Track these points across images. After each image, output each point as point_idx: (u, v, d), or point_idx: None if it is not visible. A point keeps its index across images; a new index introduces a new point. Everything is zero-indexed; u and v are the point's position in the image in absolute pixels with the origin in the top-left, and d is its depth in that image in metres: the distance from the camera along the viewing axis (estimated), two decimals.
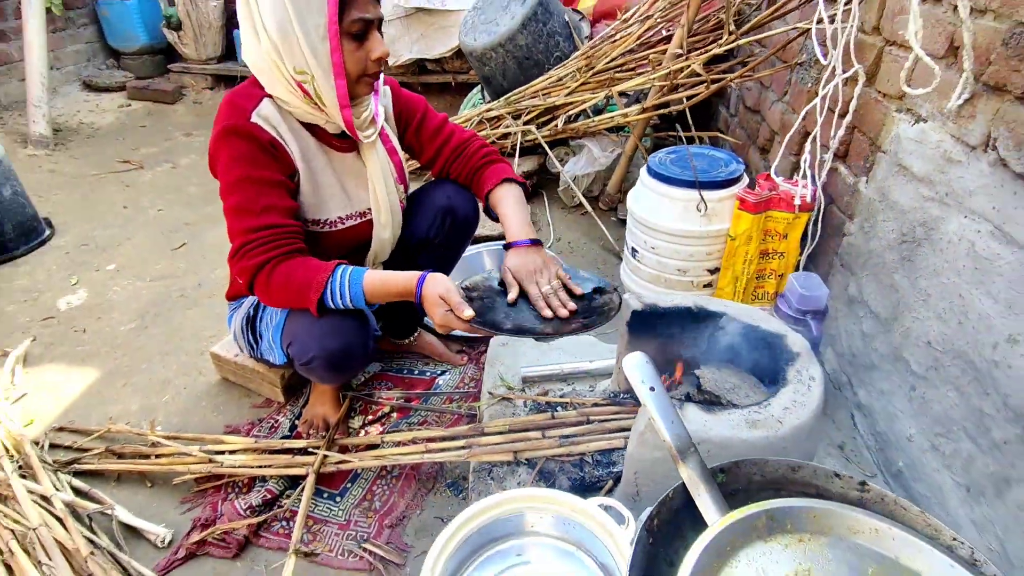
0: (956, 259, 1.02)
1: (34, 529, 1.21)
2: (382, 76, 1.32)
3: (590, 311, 1.15)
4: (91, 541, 1.22)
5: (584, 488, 1.20)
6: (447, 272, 1.61)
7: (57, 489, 1.33)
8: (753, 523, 0.70)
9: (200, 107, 4.01)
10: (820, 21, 1.37)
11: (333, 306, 1.13)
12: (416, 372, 1.72)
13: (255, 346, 1.42)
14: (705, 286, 1.68)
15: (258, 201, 1.11)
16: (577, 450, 1.24)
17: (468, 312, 1.05)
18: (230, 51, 4.13)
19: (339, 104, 1.11)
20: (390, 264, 1.48)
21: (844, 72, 1.32)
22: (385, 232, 1.36)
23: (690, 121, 2.32)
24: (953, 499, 1.01)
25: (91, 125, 3.68)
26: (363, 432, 1.52)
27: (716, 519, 0.69)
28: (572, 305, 1.16)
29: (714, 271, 1.65)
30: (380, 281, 1.13)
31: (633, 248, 1.74)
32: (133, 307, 2.07)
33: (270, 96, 1.14)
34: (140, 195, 2.93)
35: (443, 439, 1.36)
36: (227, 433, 1.54)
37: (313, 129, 1.21)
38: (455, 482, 1.39)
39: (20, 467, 1.38)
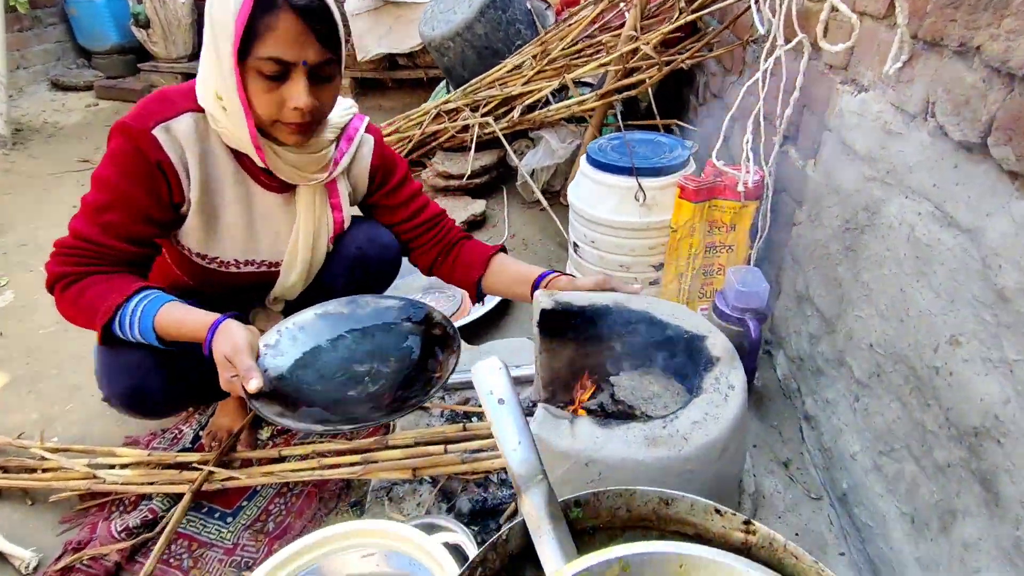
0: (897, 247, 0.87)
1: None
2: (365, 122, 1.16)
3: (418, 383, 0.93)
4: None
5: (486, 512, 1.06)
6: None
7: None
8: (602, 574, 0.55)
9: None
10: None
11: (123, 337, 0.95)
12: None
13: None
14: (652, 283, 1.54)
15: (104, 213, 0.96)
16: (481, 467, 1.10)
17: (253, 384, 0.83)
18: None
19: (252, 144, 0.95)
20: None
21: (787, 43, 1.18)
22: (294, 288, 1.20)
23: (654, 109, 2.17)
24: (897, 531, 0.86)
25: (54, 124, 3.60)
26: (270, 444, 1.39)
27: (556, 567, 0.55)
28: None
29: (659, 267, 1.50)
30: (176, 320, 0.92)
31: (575, 242, 1.60)
32: None
33: (198, 111, 0.98)
34: None
35: (342, 453, 1.23)
36: (125, 444, 1.42)
37: (241, 158, 1.04)
38: (360, 501, 1.25)
39: None
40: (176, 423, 1.48)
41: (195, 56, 4.07)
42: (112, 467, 1.31)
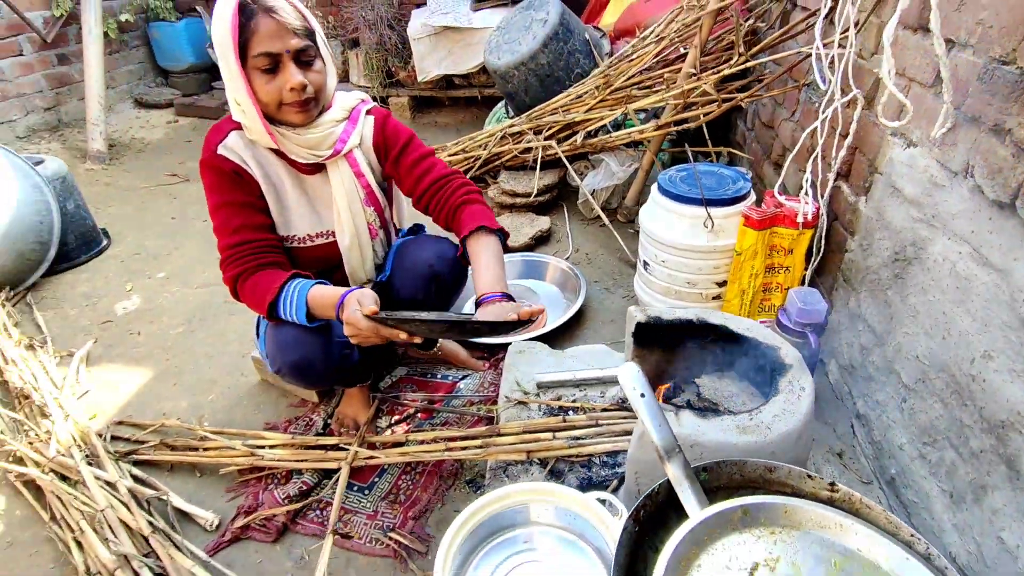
0: (941, 278, 1.08)
1: (102, 511, 1.37)
2: (367, 105, 1.40)
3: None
4: (150, 523, 1.37)
5: (591, 486, 1.30)
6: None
7: (119, 477, 1.49)
8: (729, 516, 0.79)
9: None
10: (819, 47, 1.44)
11: (286, 317, 1.24)
12: (439, 376, 1.84)
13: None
14: (714, 298, 1.76)
15: (231, 221, 1.27)
16: (586, 451, 1.33)
17: (370, 307, 1.08)
18: None
19: (264, 131, 1.22)
20: None
21: (843, 96, 1.39)
22: (352, 252, 1.43)
23: (706, 136, 2.39)
24: (938, 505, 1.07)
25: (142, 140, 3.94)
26: (390, 431, 1.64)
27: (696, 511, 0.79)
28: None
29: (722, 284, 1.72)
30: (319, 294, 1.21)
31: (645, 261, 1.83)
32: (181, 312, 2.25)
33: (239, 128, 1.28)
34: (186, 206, 3.13)
35: (463, 439, 1.47)
36: (267, 429, 1.68)
37: (280, 153, 1.31)
38: (473, 479, 1.50)
39: (87, 456, 1.54)
40: (306, 412, 1.74)
41: None
42: (262, 447, 1.58)
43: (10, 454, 1.61)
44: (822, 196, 1.54)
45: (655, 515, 0.82)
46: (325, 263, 1.45)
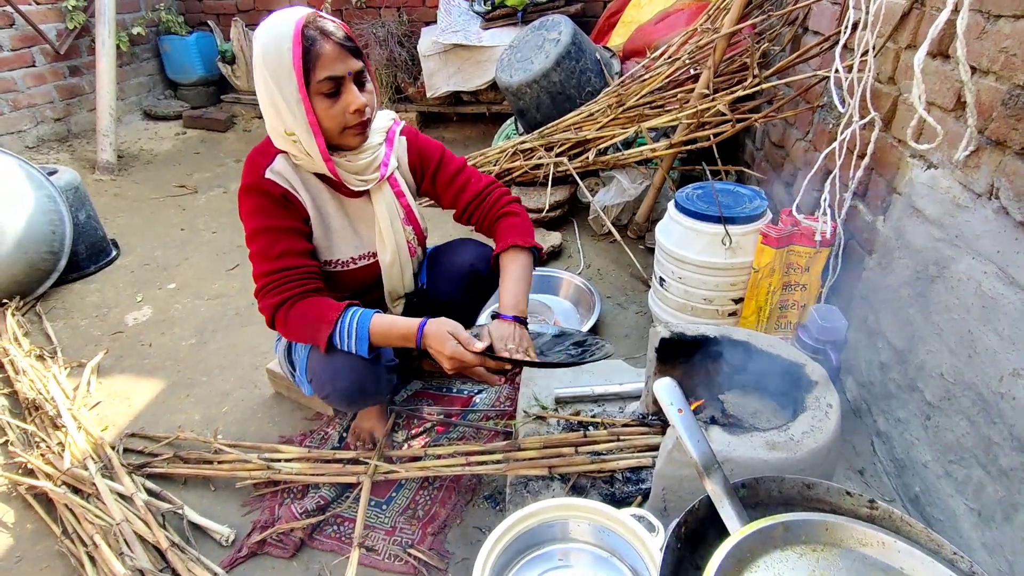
0: (965, 297, 1.10)
1: (117, 524, 1.36)
2: (400, 126, 1.42)
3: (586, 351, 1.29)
4: (167, 537, 1.35)
5: (614, 502, 1.29)
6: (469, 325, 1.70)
7: (134, 490, 1.47)
8: (771, 533, 0.79)
9: (249, 135, 4.26)
10: (838, 71, 1.47)
11: (341, 346, 1.22)
12: (455, 390, 1.84)
13: (293, 375, 1.54)
14: (730, 314, 1.77)
15: (274, 247, 1.24)
16: (608, 467, 1.33)
17: (479, 344, 1.13)
18: None
19: (322, 158, 1.21)
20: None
21: (861, 119, 1.42)
22: (392, 270, 1.44)
23: (716, 155, 2.42)
24: (965, 523, 1.07)
25: (150, 152, 3.95)
26: (406, 445, 1.64)
27: (737, 528, 0.78)
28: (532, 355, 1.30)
29: (738, 300, 1.73)
30: (386, 325, 1.21)
31: (661, 278, 1.84)
32: (193, 323, 2.24)
33: (284, 152, 1.26)
34: (195, 218, 3.14)
35: (482, 453, 1.47)
36: (281, 443, 1.67)
37: (325, 178, 1.31)
38: (492, 495, 1.49)
39: (102, 468, 1.53)
40: (321, 426, 1.73)
41: None
42: (278, 461, 1.57)
43: (21, 466, 1.60)
44: (839, 215, 1.56)
45: (695, 532, 0.82)
46: (363, 284, 1.44)
